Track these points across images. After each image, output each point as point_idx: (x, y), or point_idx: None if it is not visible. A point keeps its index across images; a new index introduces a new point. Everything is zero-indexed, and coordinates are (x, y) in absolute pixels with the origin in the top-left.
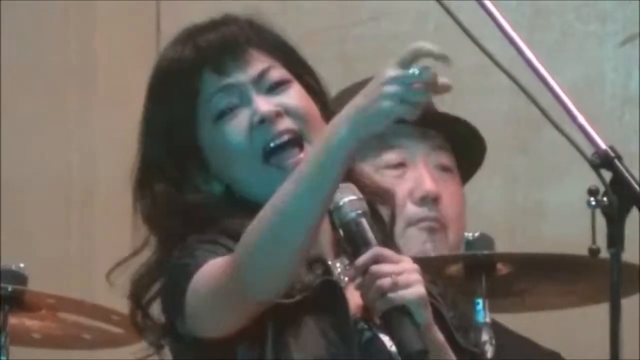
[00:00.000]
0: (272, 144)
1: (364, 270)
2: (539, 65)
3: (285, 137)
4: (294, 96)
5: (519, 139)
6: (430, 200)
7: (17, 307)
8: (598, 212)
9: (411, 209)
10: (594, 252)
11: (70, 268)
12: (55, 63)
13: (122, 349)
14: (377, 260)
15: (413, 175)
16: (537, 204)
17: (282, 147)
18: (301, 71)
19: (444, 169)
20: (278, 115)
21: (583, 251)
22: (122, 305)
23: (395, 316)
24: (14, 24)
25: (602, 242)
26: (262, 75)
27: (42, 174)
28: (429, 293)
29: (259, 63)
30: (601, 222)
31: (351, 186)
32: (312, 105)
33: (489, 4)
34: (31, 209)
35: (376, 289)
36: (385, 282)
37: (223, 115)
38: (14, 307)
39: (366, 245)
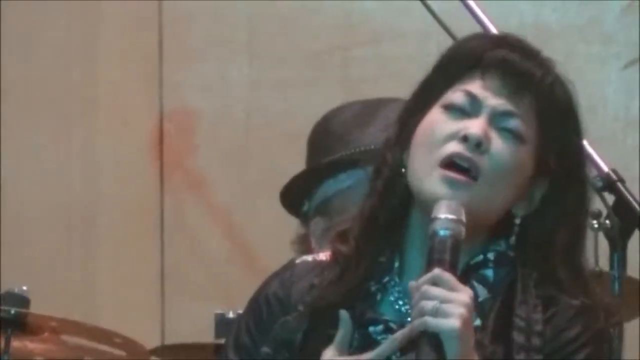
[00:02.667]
0: (454, 160)
1: (419, 288)
2: None
3: (465, 165)
4: (509, 151)
5: None
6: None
7: (20, 330)
8: (601, 234)
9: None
10: (597, 274)
11: (72, 291)
12: (57, 87)
13: None
14: (434, 282)
15: None
16: None
17: (457, 168)
18: (550, 148)
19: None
20: (479, 145)
21: None
22: (123, 327)
23: (425, 341)
24: (15, 46)
25: (605, 264)
26: (506, 114)
27: (44, 197)
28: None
29: (517, 108)
30: (604, 244)
31: (460, 208)
32: (518, 172)
33: (490, 26)
34: (33, 232)
35: (419, 308)
36: (428, 304)
37: (450, 108)
38: (17, 330)
39: (438, 264)
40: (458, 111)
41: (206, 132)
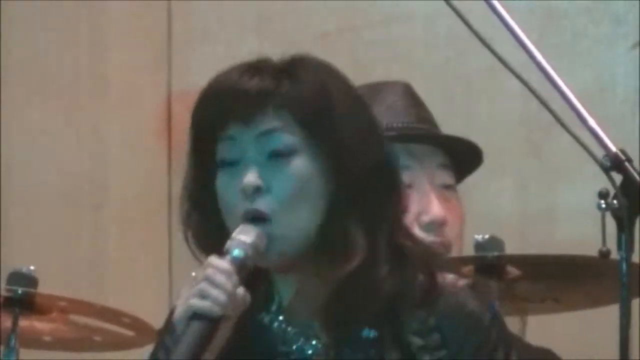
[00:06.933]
0: (246, 218)
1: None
2: (549, 68)
3: (250, 219)
4: (285, 176)
5: (531, 142)
6: (437, 225)
7: (28, 309)
8: (608, 214)
9: (419, 235)
10: (604, 254)
11: (81, 271)
12: (66, 68)
13: (133, 351)
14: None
15: (420, 197)
16: (549, 207)
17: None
18: (325, 135)
19: (447, 187)
20: (257, 191)
21: (594, 254)
22: (132, 307)
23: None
24: (24, 29)
25: (612, 244)
26: (266, 133)
27: (53, 177)
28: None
29: (270, 121)
30: (612, 224)
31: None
32: (308, 181)
33: (499, 7)
34: (42, 213)
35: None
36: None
37: (223, 165)
38: (25, 310)
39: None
40: (229, 164)
41: None
